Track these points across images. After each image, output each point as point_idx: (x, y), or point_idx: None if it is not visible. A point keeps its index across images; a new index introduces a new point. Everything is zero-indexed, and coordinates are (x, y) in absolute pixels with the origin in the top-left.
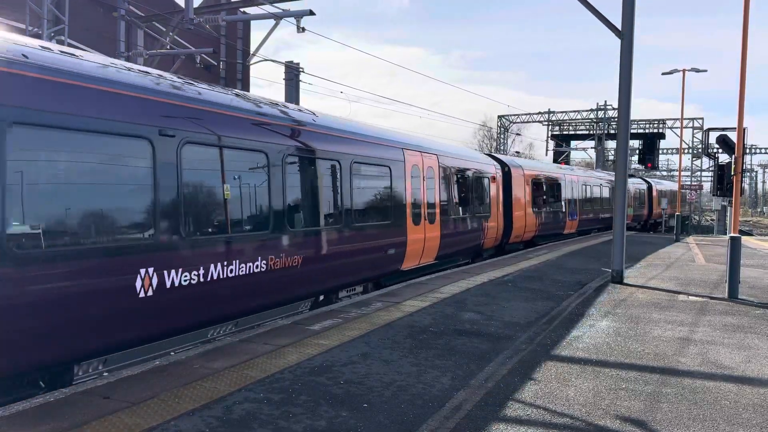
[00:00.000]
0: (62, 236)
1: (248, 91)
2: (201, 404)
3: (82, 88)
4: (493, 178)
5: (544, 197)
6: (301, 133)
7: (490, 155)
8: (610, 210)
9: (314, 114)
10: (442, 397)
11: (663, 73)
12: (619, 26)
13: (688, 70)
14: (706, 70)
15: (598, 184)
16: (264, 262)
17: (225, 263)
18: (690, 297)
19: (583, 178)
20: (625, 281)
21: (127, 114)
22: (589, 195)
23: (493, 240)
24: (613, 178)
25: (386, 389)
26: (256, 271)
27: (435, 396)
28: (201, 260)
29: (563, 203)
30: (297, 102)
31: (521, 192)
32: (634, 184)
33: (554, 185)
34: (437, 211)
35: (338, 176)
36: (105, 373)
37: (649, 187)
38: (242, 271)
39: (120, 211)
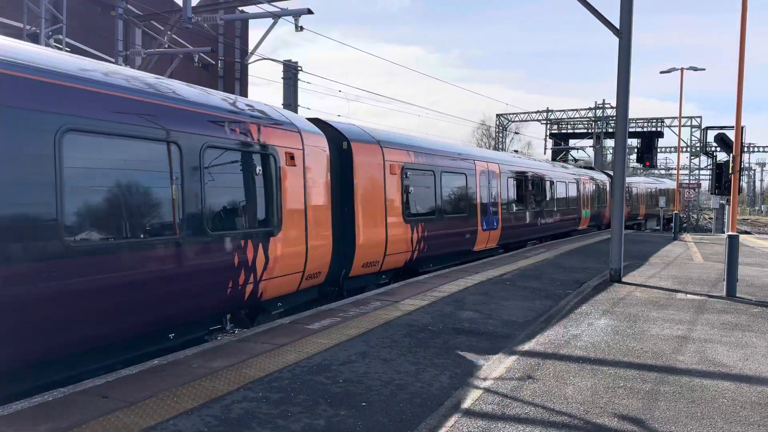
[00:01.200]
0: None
1: (246, 89)
2: (200, 403)
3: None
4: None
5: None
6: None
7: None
8: (562, 212)
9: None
10: (440, 395)
11: (661, 72)
12: (617, 25)
13: (687, 69)
14: (704, 69)
15: (542, 176)
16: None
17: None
18: (688, 295)
19: (512, 167)
20: (623, 280)
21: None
22: (524, 192)
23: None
24: (570, 171)
25: (385, 388)
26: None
27: (434, 394)
28: None
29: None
30: (295, 101)
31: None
32: (594, 180)
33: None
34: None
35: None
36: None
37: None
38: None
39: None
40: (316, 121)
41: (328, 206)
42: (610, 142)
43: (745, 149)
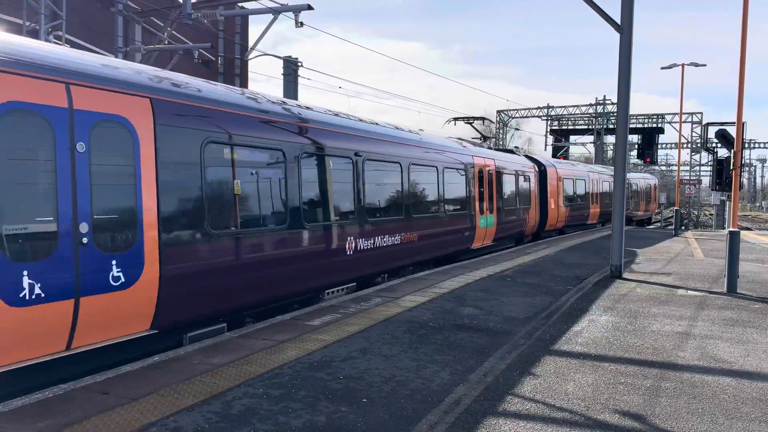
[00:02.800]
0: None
1: (246, 86)
2: (200, 400)
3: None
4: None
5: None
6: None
7: (527, 156)
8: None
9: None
10: (441, 391)
11: (662, 68)
12: (618, 21)
13: (687, 65)
14: (705, 65)
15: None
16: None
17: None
18: (689, 291)
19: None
20: (624, 276)
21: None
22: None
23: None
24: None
25: (386, 384)
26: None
27: (434, 391)
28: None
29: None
30: (296, 97)
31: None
32: (518, 170)
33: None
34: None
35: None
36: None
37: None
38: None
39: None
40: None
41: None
42: (610, 139)
43: (746, 145)
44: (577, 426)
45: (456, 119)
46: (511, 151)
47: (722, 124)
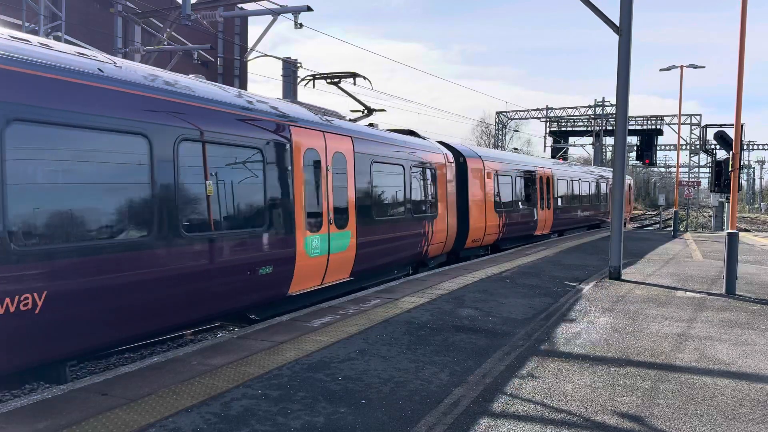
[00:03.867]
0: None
1: (246, 86)
2: (199, 401)
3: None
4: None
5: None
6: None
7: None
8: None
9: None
10: (440, 393)
11: (661, 69)
12: (617, 22)
13: (686, 67)
14: (703, 67)
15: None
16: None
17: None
18: (687, 293)
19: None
20: (622, 277)
21: None
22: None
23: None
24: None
25: (384, 385)
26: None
27: (433, 392)
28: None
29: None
30: (295, 98)
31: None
32: (407, 160)
33: None
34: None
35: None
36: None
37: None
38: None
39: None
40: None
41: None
42: (609, 140)
43: (745, 147)
44: (576, 427)
45: (315, 77)
46: (412, 133)
47: (721, 125)
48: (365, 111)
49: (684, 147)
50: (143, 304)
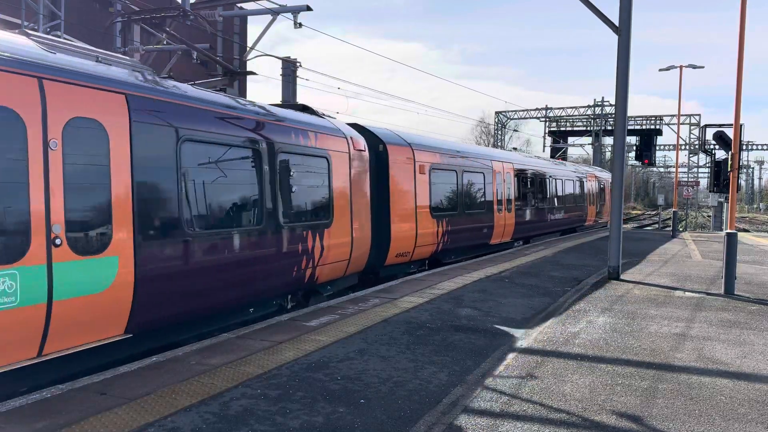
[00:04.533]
0: None
1: (245, 86)
2: (198, 400)
3: None
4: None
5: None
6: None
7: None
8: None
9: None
10: (439, 392)
11: (660, 69)
12: (616, 22)
13: (686, 67)
14: (703, 67)
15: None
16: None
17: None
18: (686, 293)
19: None
20: (621, 277)
21: None
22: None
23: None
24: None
25: (383, 385)
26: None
27: (432, 391)
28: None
29: None
30: (294, 98)
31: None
32: (286, 144)
33: None
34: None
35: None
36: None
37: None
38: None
39: None
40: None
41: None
42: (609, 140)
43: (744, 147)
44: (575, 427)
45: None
46: (305, 109)
47: (720, 125)
48: (224, 74)
49: (683, 147)
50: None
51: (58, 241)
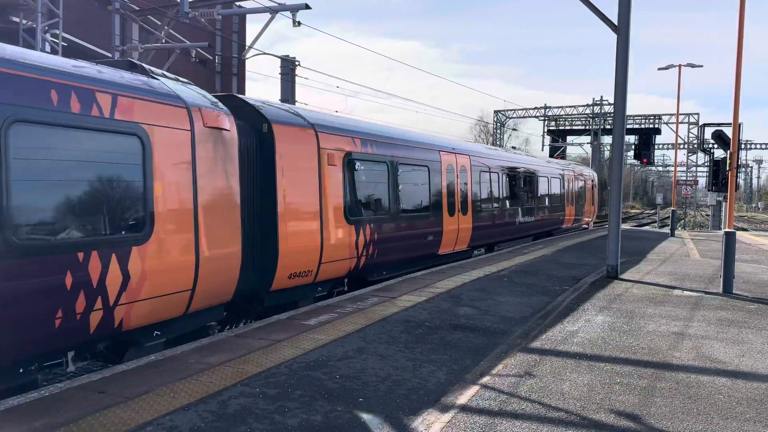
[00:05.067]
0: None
1: (243, 84)
2: (196, 399)
3: None
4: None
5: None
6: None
7: None
8: None
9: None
10: (437, 391)
11: (659, 69)
12: (615, 21)
13: (684, 66)
14: (701, 66)
15: None
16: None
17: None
18: (685, 292)
19: None
20: (620, 276)
21: None
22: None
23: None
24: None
25: (382, 384)
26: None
27: (430, 390)
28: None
29: None
30: (293, 96)
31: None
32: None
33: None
34: None
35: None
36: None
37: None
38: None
39: None
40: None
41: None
42: (607, 139)
43: (743, 146)
44: (573, 426)
45: None
46: (133, 66)
47: (719, 125)
48: None
49: (682, 146)
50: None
51: None
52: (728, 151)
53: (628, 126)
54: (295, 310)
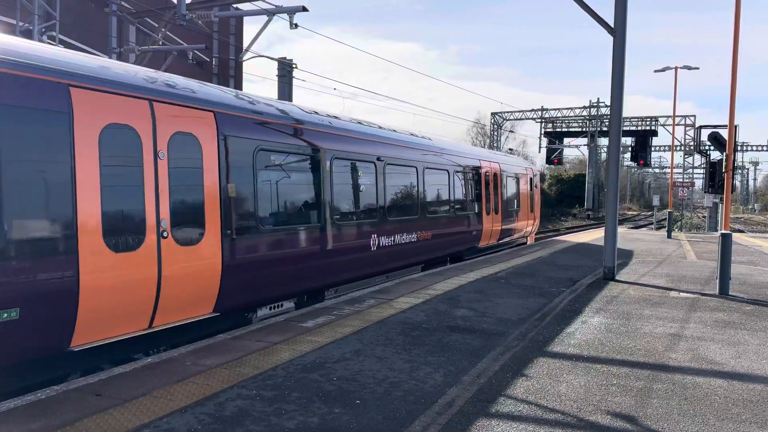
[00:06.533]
0: None
1: (241, 86)
2: (193, 401)
3: None
4: None
5: None
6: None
7: None
8: None
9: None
10: (434, 393)
11: (655, 71)
12: (611, 23)
13: (681, 68)
14: (697, 68)
15: None
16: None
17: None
18: (681, 293)
19: None
20: (616, 278)
21: None
22: None
23: None
24: None
25: (379, 386)
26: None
27: (427, 392)
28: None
29: None
30: (290, 98)
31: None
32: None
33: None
34: None
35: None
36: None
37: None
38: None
39: None
40: None
41: None
42: (604, 141)
43: (739, 148)
44: (569, 427)
45: None
46: None
47: (715, 127)
48: None
49: (678, 148)
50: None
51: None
52: (724, 153)
53: (625, 128)
54: (292, 312)
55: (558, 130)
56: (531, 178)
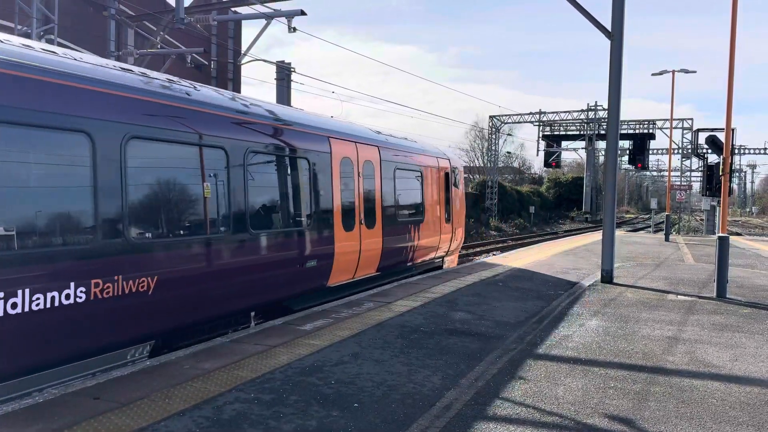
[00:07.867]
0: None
1: (239, 91)
2: (191, 404)
3: None
4: None
5: None
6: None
7: None
8: None
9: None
10: (432, 396)
11: (653, 74)
12: (609, 27)
13: (678, 72)
14: (695, 71)
15: None
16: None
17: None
18: (679, 296)
19: None
20: (614, 281)
21: None
22: None
23: None
24: None
25: (377, 389)
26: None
27: (425, 395)
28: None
29: None
30: (289, 102)
31: None
32: None
33: None
34: None
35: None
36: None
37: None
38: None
39: None
40: None
41: None
42: (602, 144)
43: (736, 151)
44: (567, 430)
45: None
46: None
47: (712, 130)
48: None
49: (676, 151)
50: None
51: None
52: (722, 156)
53: (623, 131)
54: (291, 316)
55: (556, 133)
56: (447, 174)
